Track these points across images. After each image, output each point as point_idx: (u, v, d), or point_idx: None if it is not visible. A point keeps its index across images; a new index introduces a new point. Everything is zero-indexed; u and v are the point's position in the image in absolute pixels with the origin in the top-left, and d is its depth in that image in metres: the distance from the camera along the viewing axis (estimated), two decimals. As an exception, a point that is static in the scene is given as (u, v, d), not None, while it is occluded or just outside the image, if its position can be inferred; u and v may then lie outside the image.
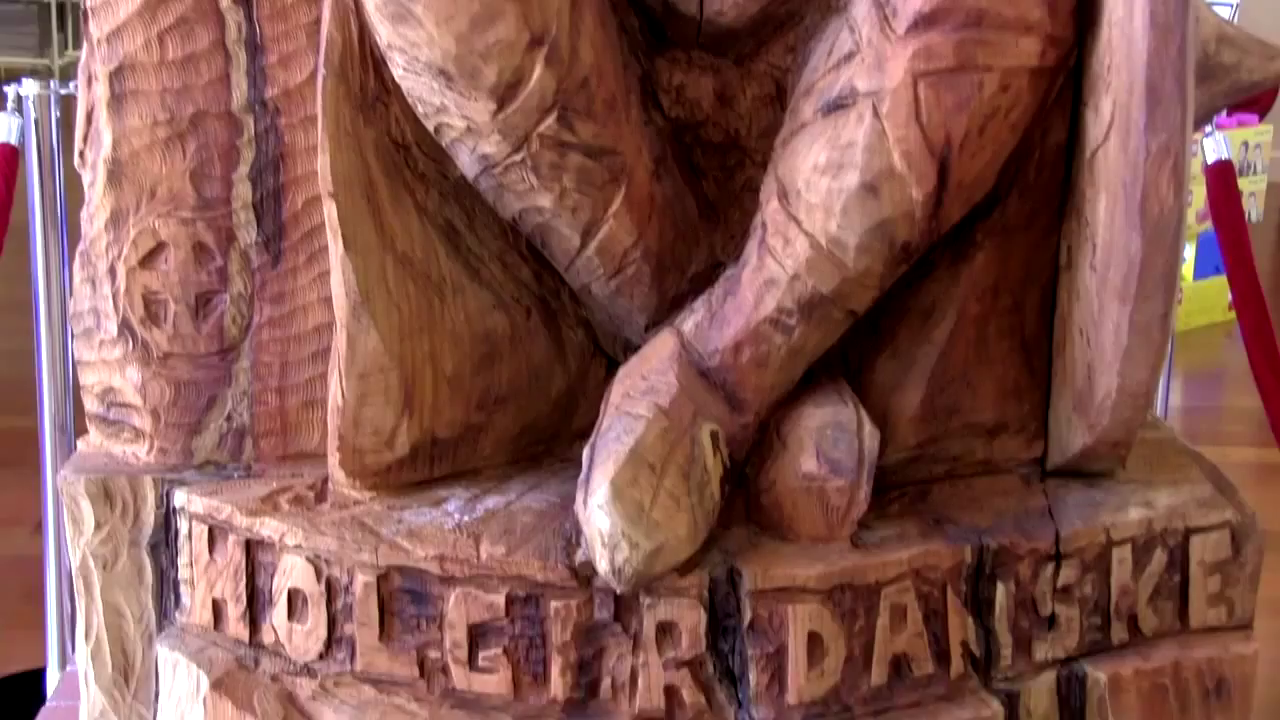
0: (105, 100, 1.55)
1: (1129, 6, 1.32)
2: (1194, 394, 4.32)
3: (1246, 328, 2.18)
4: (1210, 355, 4.56)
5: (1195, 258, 4.67)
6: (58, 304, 2.24)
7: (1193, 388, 4.36)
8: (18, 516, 3.09)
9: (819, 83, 1.46)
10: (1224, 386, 4.40)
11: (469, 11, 1.37)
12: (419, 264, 1.50)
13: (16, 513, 3.11)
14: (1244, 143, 4.85)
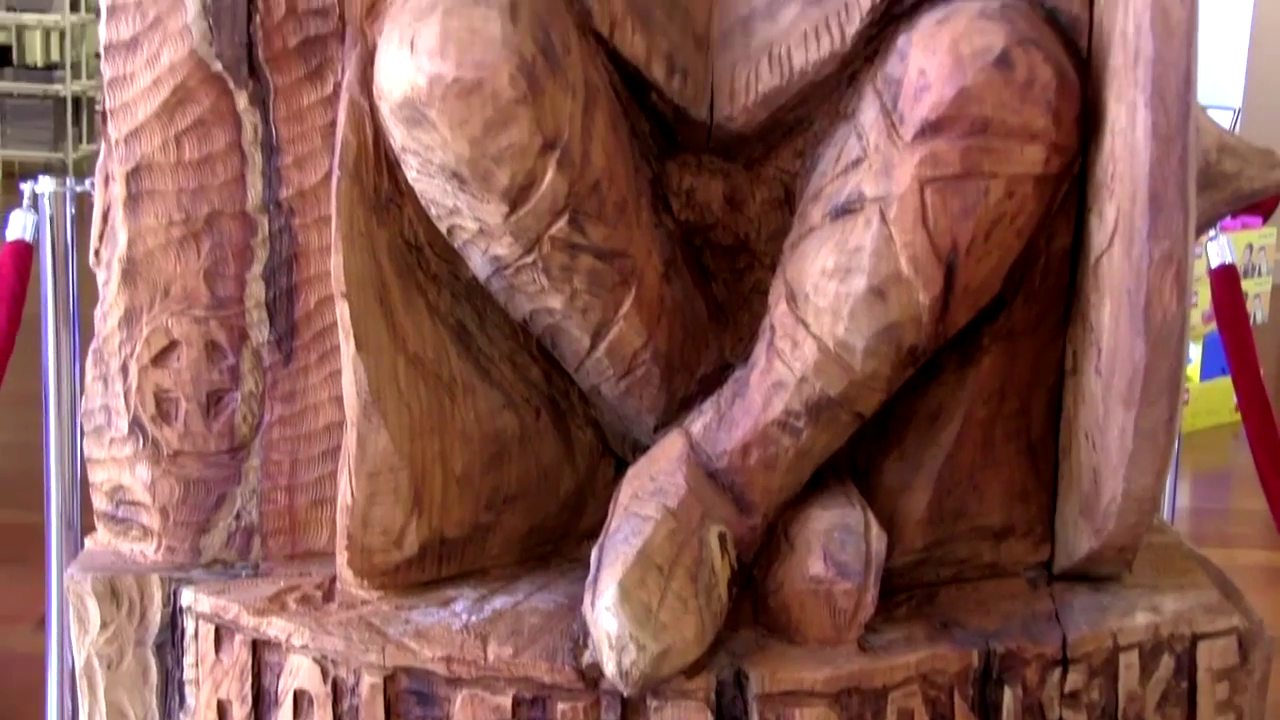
0: (122, 200, 1.57)
1: (1131, 117, 1.34)
2: (1201, 495, 4.31)
3: (1252, 431, 2.18)
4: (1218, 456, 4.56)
5: (1202, 359, 4.68)
6: (67, 399, 2.25)
7: (1200, 489, 4.35)
8: (20, 613, 3.08)
9: (827, 188, 1.48)
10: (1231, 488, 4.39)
11: (483, 116, 1.40)
12: (430, 364, 1.52)
13: (19, 609, 3.10)
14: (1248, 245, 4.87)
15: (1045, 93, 1.39)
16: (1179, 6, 1.32)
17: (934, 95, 1.40)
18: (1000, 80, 1.39)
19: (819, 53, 1.49)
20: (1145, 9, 1.33)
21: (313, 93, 1.57)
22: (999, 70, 1.39)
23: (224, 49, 1.55)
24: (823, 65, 1.49)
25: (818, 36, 1.49)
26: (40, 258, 2.25)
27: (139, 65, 1.55)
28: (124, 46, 1.55)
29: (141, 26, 1.55)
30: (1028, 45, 1.40)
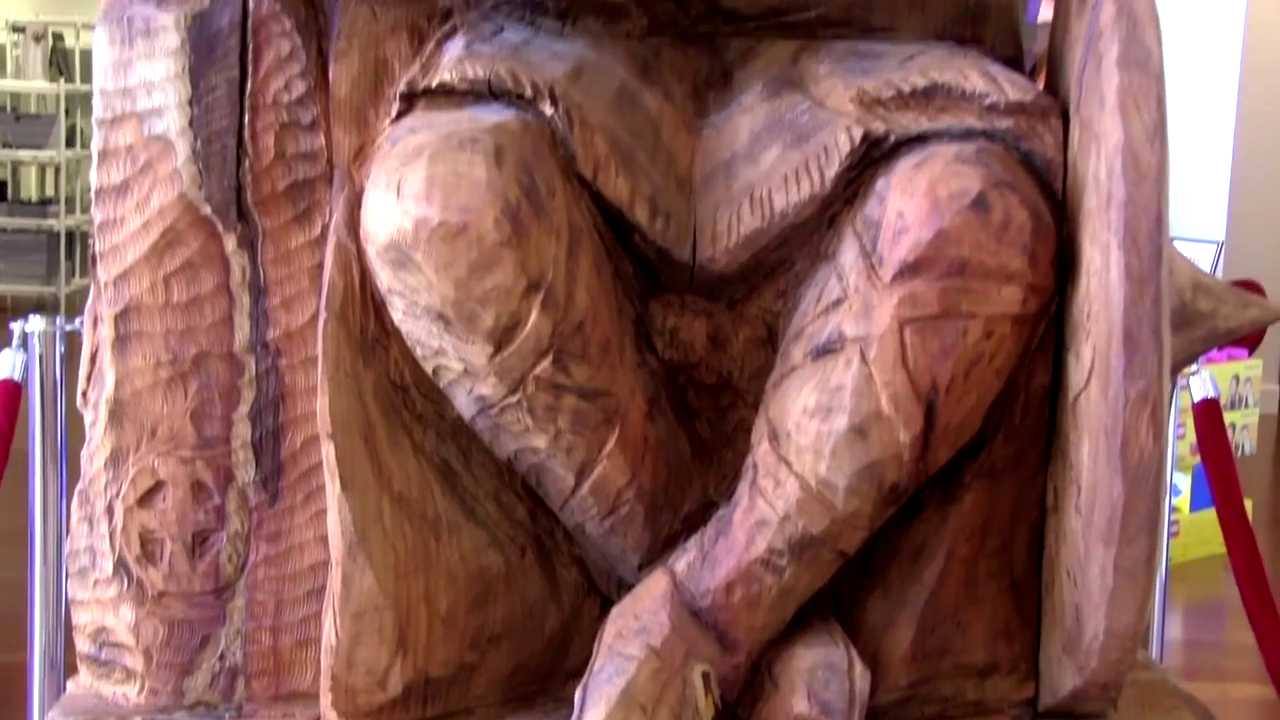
0: (110, 341, 1.59)
1: (1105, 258, 1.36)
2: (1193, 627, 4.29)
3: (1238, 566, 2.19)
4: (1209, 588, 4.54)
5: (1191, 490, 4.69)
6: (53, 539, 2.25)
7: (1192, 621, 4.33)
8: (2, 754, 3.06)
9: (808, 328, 1.50)
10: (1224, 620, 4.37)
11: (468, 258, 1.42)
12: (415, 503, 1.52)
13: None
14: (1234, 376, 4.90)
15: (1021, 235, 1.42)
16: (1149, 152, 1.35)
17: (912, 237, 1.42)
18: (977, 223, 1.41)
19: (799, 195, 1.52)
20: (1116, 154, 1.36)
21: (300, 235, 1.59)
22: (975, 213, 1.41)
23: (213, 193, 1.57)
24: (803, 207, 1.52)
25: (798, 179, 1.52)
26: (29, 397, 2.26)
27: (129, 209, 1.58)
28: (115, 190, 1.58)
29: (132, 171, 1.57)
30: (1003, 188, 1.42)
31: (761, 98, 1.60)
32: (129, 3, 1.57)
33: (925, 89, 1.51)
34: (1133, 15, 1.40)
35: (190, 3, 1.57)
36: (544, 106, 1.50)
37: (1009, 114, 1.49)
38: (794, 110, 1.56)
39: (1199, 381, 2.47)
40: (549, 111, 1.50)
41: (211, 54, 1.56)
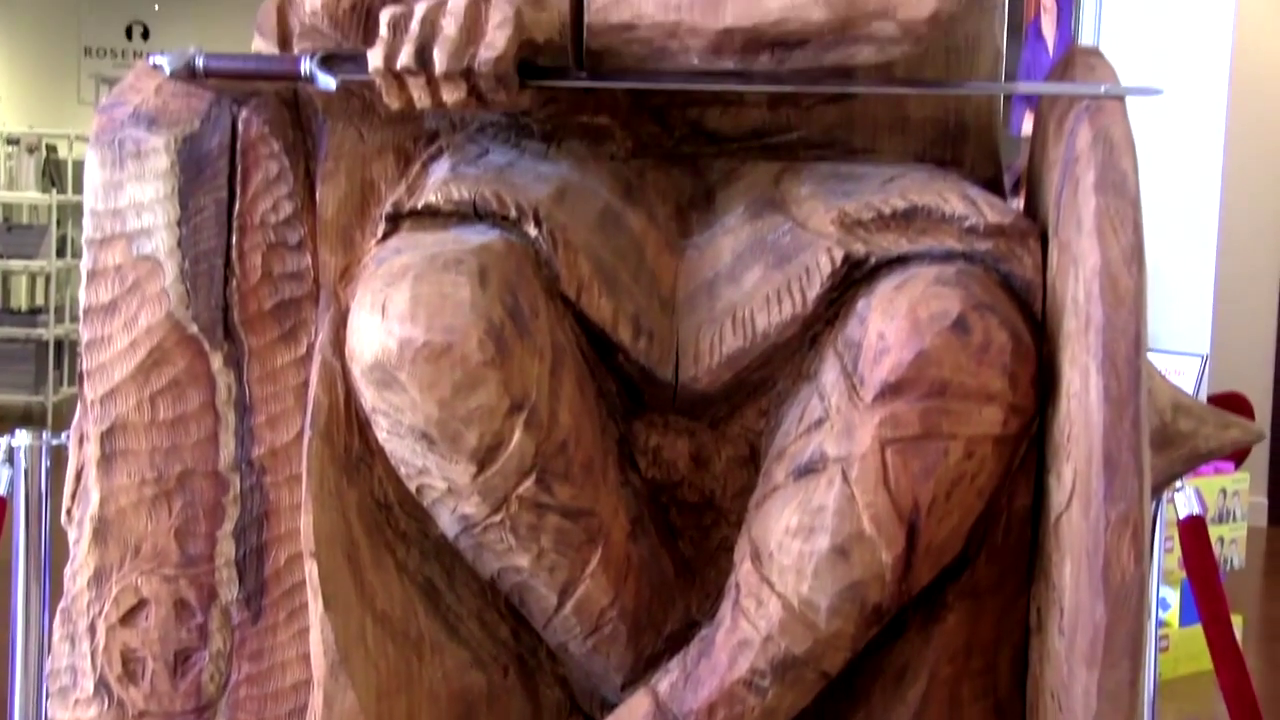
0: (95, 459, 1.59)
1: (1084, 381, 1.37)
2: (1183, 744, 4.25)
3: (1225, 685, 2.18)
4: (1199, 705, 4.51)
5: (1180, 605, 4.67)
6: (35, 658, 2.24)
7: (1182, 738, 4.30)
8: None
9: (790, 447, 1.51)
10: (1214, 736, 4.34)
11: (451, 379, 1.42)
12: (398, 622, 1.52)
13: None
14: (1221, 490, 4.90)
15: (1001, 356, 1.43)
16: (1126, 275, 1.36)
17: (893, 358, 1.43)
18: (957, 344, 1.42)
19: (781, 315, 1.53)
20: (1094, 277, 1.37)
21: (286, 354, 1.60)
22: (956, 334, 1.42)
23: (200, 311, 1.58)
24: (785, 328, 1.53)
25: (780, 300, 1.53)
26: (14, 512, 2.26)
27: (117, 328, 1.59)
28: (103, 309, 1.59)
29: (120, 290, 1.59)
30: (983, 310, 1.44)
31: (744, 219, 1.61)
32: (120, 125, 1.59)
33: (906, 211, 1.52)
34: (1109, 140, 1.42)
35: (180, 125, 1.59)
36: (528, 228, 1.52)
37: (988, 236, 1.51)
38: (776, 231, 1.58)
39: (1183, 498, 2.47)
40: (533, 233, 1.51)
41: (200, 175, 1.58)
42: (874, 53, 1.51)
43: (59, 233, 8.54)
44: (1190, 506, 2.42)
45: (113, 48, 11.33)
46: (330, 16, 1.56)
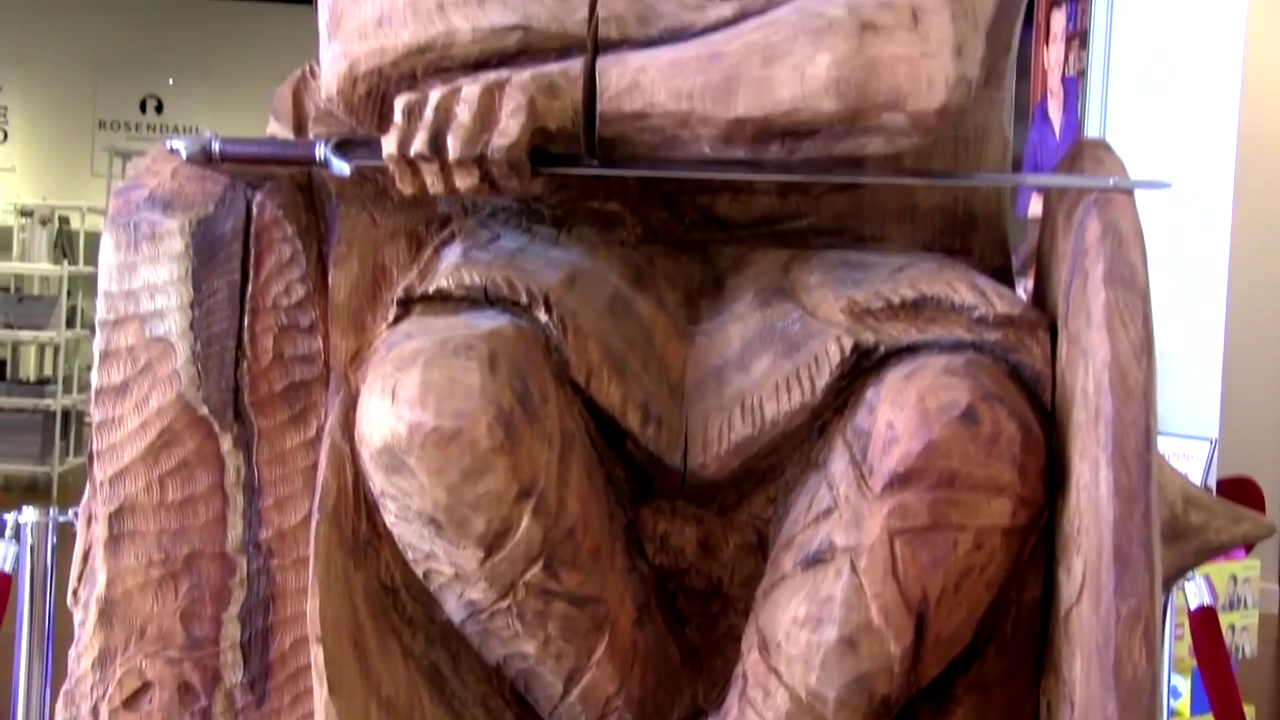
0: (103, 540, 1.59)
1: (1094, 474, 1.37)
2: (1194, 833, 4.20)
3: (1236, 776, 2.16)
4: (1209, 792, 4.46)
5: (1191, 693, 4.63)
6: (37, 738, 2.23)
7: (1193, 827, 4.25)
8: None
9: (799, 536, 1.51)
10: (1225, 825, 4.28)
11: (460, 464, 1.42)
12: (402, 708, 1.51)
13: None
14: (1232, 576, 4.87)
15: (1010, 447, 1.43)
16: (1136, 369, 1.36)
17: (902, 448, 1.43)
18: (966, 435, 1.42)
19: (790, 404, 1.53)
20: (1104, 369, 1.37)
21: (296, 436, 1.60)
22: (965, 425, 1.42)
23: (211, 393, 1.59)
24: (794, 416, 1.53)
25: (789, 388, 1.53)
26: (18, 590, 2.26)
27: (128, 409, 1.59)
28: (114, 391, 1.59)
29: (132, 371, 1.59)
30: (992, 400, 1.44)
31: (753, 306, 1.62)
32: (136, 208, 1.60)
33: (915, 301, 1.53)
34: (1118, 233, 1.43)
35: (195, 208, 1.60)
36: (538, 313, 1.52)
37: (997, 326, 1.51)
38: (785, 319, 1.58)
39: (1194, 587, 2.46)
40: (543, 318, 1.52)
41: (214, 258, 1.59)
42: (884, 143, 1.51)
43: (69, 303, 8.57)
44: (1201, 596, 2.42)
45: (127, 120, 11.43)
46: (345, 102, 1.58)
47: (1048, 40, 5.37)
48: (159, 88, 11.44)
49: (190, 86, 11.35)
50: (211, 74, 11.22)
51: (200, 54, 11.13)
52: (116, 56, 11.18)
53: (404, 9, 1.55)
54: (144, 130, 11.43)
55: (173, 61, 11.25)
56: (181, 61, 11.23)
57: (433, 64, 1.55)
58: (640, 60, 1.52)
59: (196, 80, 11.30)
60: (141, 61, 11.23)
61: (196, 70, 11.22)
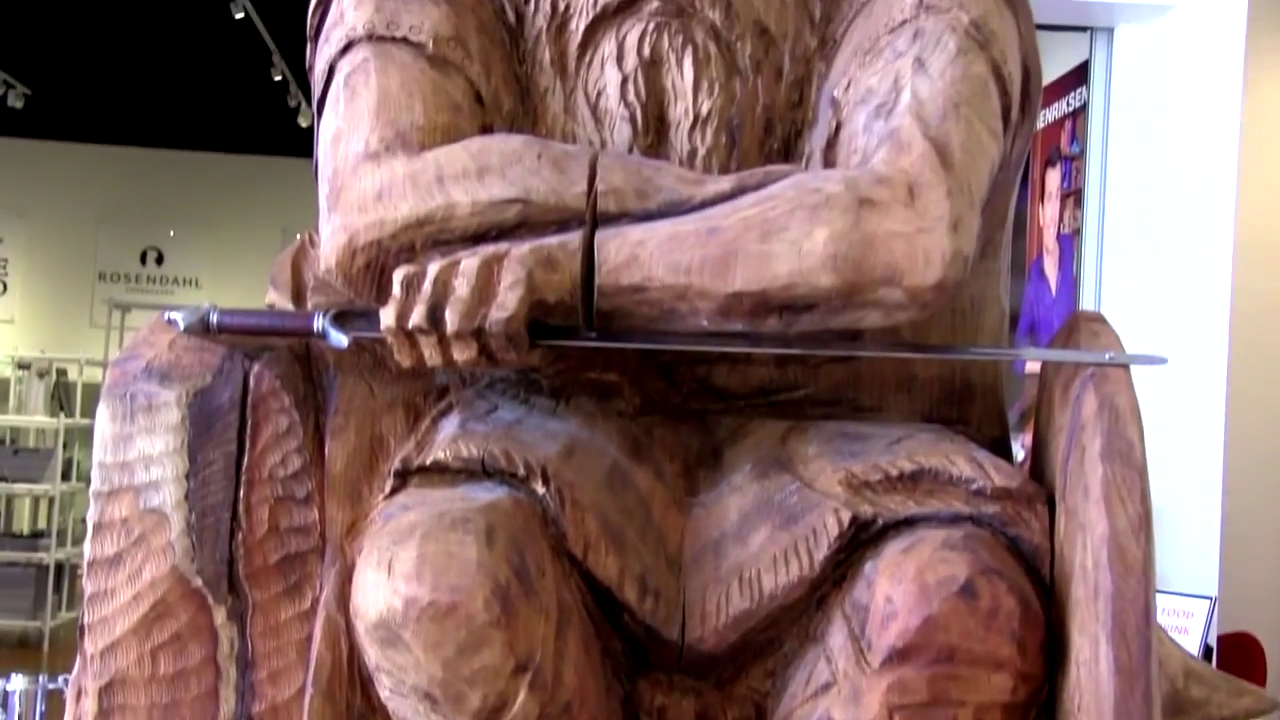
0: (93, 715, 1.57)
1: (1094, 650, 1.36)
2: None
3: None
4: None
5: None
6: None
7: None
8: None
9: (797, 711, 1.49)
10: None
11: (456, 639, 1.41)
12: None
13: None
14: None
15: (1010, 622, 1.42)
16: (1135, 545, 1.36)
17: (900, 623, 1.42)
18: (965, 609, 1.41)
19: (788, 577, 1.52)
20: (1102, 545, 1.37)
21: (291, 608, 1.59)
22: (964, 600, 1.42)
23: (205, 565, 1.58)
24: (792, 589, 1.52)
25: (787, 561, 1.53)
26: (6, 758, 2.23)
27: (120, 581, 1.58)
28: (107, 563, 1.58)
29: (126, 543, 1.58)
30: (991, 575, 1.43)
31: (751, 477, 1.62)
32: (133, 379, 1.61)
33: (913, 473, 1.53)
34: (1114, 409, 1.43)
35: (193, 380, 1.60)
36: (536, 485, 1.52)
37: (995, 500, 1.51)
38: (783, 491, 1.58)
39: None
40: (541, 490, 1.52)
41: (211, 429, 1.59)
42: (881, 318, 1.52)
43: (65, 455, 8.57)
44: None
45: (127, 272, 11.52)
46: (344, 275, 1.59)
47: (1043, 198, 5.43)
48: (160, 239, 11.54)
49: (191, 238, 11.46)
50: (212, 225, 11.33)
51: (200, 206, 11.26)
52: (117, 209, 11.30)
53: (403, 182, 1.57)
54: (144, 282, 11.51)
55: (173, 213, 11.37)
56: (182, 213, 11.35)
57: (431, 237, 1.56)
58: (639, 234, 1.53)
59: (197, 231, 11.41)
60: (142, 213, 11.35)
61: (197, 221, 11.34)
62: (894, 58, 1.62)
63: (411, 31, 1.66)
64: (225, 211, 11.28)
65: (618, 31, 1.67)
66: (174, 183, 11.24)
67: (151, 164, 11.21)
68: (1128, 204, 4.73)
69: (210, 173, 11.20)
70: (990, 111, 1.62)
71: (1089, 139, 4.93)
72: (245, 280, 10.71)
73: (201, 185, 11.21)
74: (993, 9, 1.66)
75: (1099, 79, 4.85)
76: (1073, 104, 5.12)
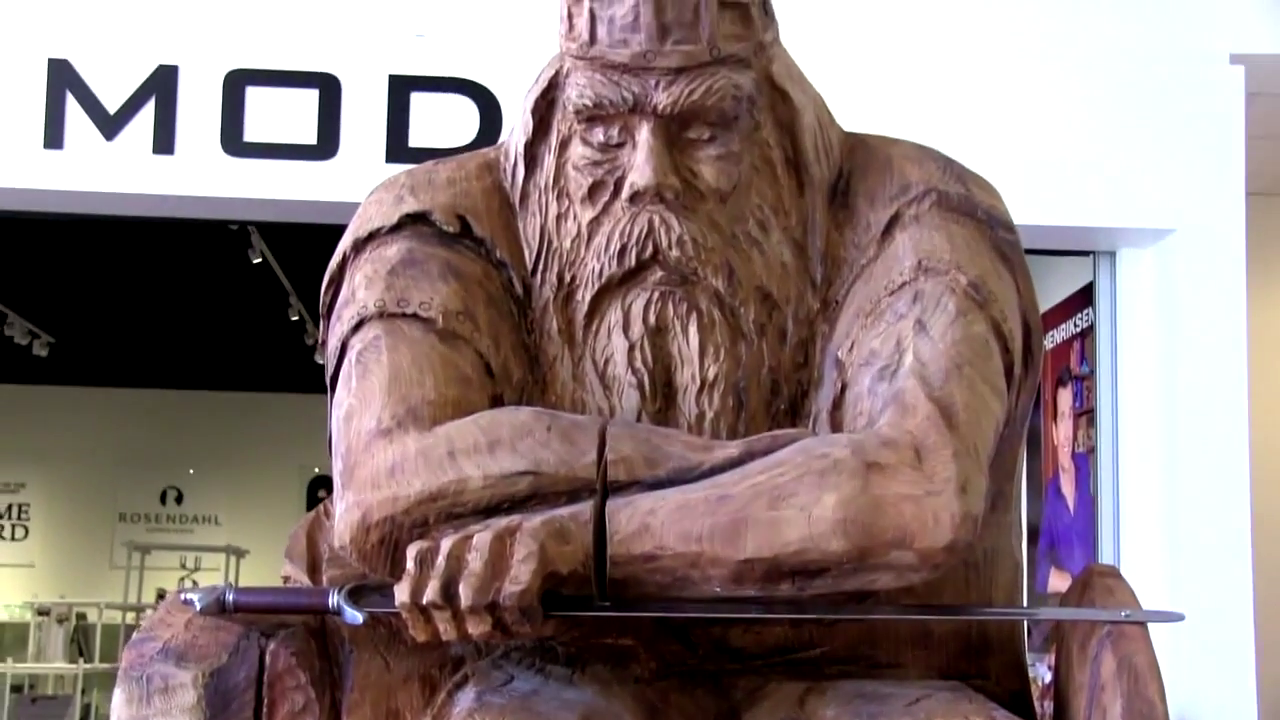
0: None
1: None
2: None
3: None
4: None
5: None
6: None
7: None
8: None
9: None
10: None
11: None
12: None
13: None
14: None
15: None
16: None
17: None
18: None
19: None
20: None
21: None
22: None
23: None
24: None
25: None
26: None
27: None
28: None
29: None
30: None
31: (771, 742, 1.60)
32: (149, 661, 1.61)
33: None
34: (1133, 669, 1.42)
35: (209, 660, 1.60)
36: None
37: (1019, 766, 1.49)
38: (803, 756, 1.56)
39: None
40: None
41: (227, 709, 1.59)
42: (893, 579, 1.52)
43: (84, 701, 8.48)
44: None
45: (147, 512, 11.53)
46: (359, 550, 1.59)
47: (1056, 418, 5.45)
48: (179, 478, 11.58)
49: (210, 476, 11.49)
50: (230, 463, 11.38)
51: (219, 444, 11.32)
52: (137, 450, 11.35)
53: (415, 458, 1.59)
54: (164, 521, 11.52)
55: (192, 452, 11.43)
56: (201, 452, 11.40)
57: (444, 511, 1.57)
58: (649, 503, 1.54)
59: (216, 469, 11.45)
60: (160, 453, 11.40)
61: (216, 460, 11.38)
62: (895, 320, 1.65)
63: (421, 308, 1.69)
64: (243, 448, 11.33)
65: (623, 300, 1.70)
66: (192, 421, 11.32)
67: (170, 404, 11.30)
68: (1141, 421, 4.74)
69: (228, 411, 11.28)
70: (993, 370, 1.64)
71: (1098, 359, 4.96)
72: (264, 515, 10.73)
73: (220, 422, 11.29)
74: (990, 269, 1.69)
75: (1104, 300, 4.91)
76: (1080, 324, 5.17)
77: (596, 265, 1.70)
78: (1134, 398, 4.79)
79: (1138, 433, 4.75)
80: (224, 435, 11.31)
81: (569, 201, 1.73)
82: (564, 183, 1.73)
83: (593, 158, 1.70)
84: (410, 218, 1.76)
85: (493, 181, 1.79)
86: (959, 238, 1.70)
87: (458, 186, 1.78)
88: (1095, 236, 4.73)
